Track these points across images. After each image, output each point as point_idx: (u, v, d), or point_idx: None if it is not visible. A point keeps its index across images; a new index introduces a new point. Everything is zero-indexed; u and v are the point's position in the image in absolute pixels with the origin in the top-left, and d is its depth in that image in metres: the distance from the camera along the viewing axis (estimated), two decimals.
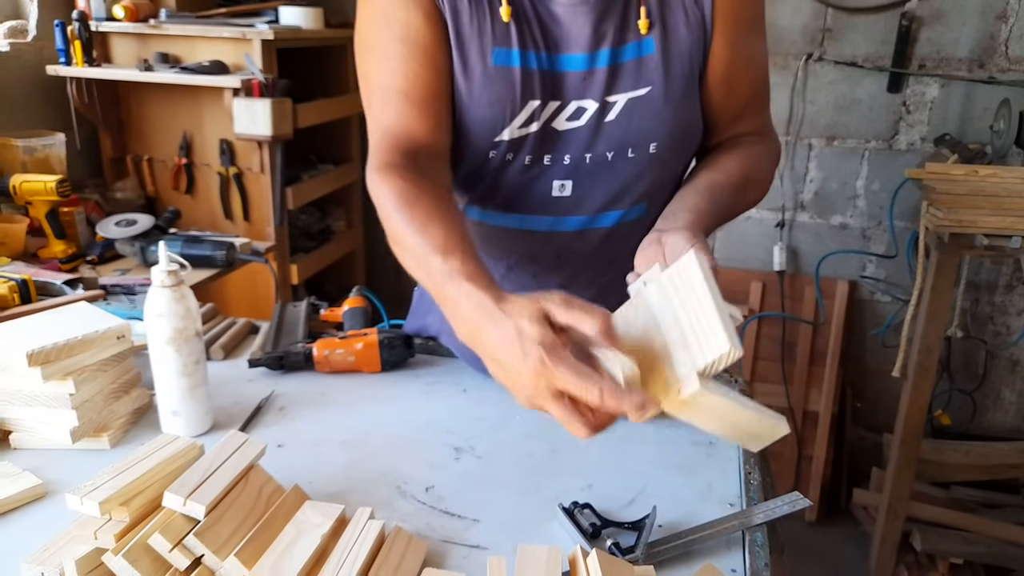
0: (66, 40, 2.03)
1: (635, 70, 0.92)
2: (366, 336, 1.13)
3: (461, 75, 0.92)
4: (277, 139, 2.06)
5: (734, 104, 0.99)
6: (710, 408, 0.67)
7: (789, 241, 2.62)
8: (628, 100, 0.92)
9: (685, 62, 0.93)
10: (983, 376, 2.56)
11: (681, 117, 0.94)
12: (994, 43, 2.30)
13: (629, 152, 0.93)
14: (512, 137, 0.92)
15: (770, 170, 1.03)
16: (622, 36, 0.91)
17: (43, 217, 1.78)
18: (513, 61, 0.90)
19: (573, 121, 0.93)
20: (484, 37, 0.91)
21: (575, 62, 0.92)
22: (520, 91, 0.91)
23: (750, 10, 0.96)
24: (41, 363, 0.87)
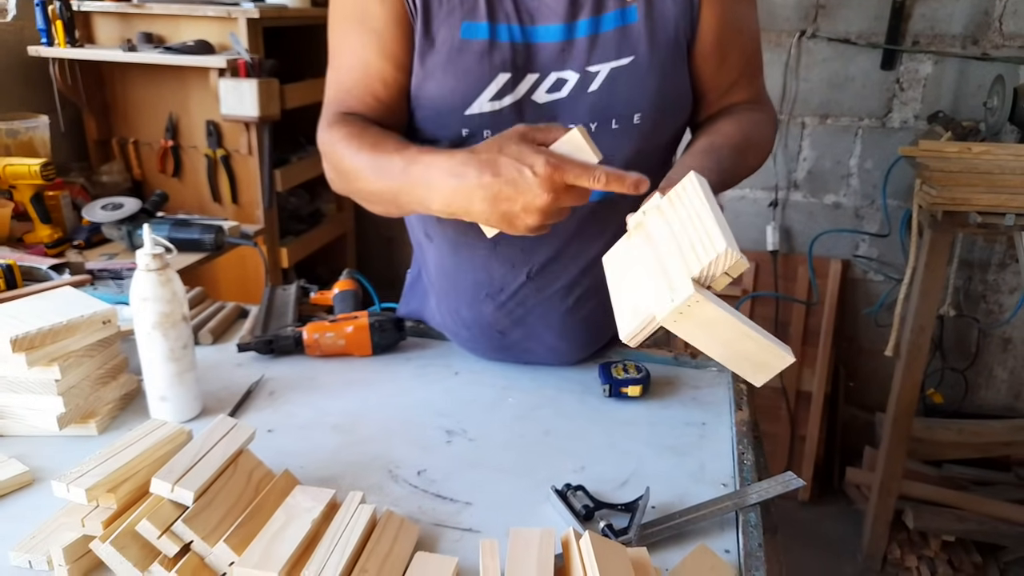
0: (47, 20, 1.99)
1: (617, 39, 0.91)
2: (356, 319, 1.12)
3: (429, 50, 0.92)
4: (264, 120, 2.03)
5: (727, 74, 0.98)
6: (708, 321, 0.64)
7: (782, 221, 2.61)
8: (611, 70, 0.91)
9: (670, 31, 0.92)
10: (975, 354, 2.57)
11: (667, 87, 0.93)
12: (988, 19, 2.28)
13: (613, 123, 0.92)
14: (483, 111, 0.91)
15: (768, 135, 1.03)
16: (602, 5, 0.90)
17: (28, 201, 1.76)
18: (480, 34, 0.90)
19: (554, 93, 0.92)
20: (453, 10, 0.90)
21: (552, 33, 0.91)
22: (488, 64, 0.90)
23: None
24: (25, 349, 0.86)
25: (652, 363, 1.09)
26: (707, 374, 1.08)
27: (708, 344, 0.67)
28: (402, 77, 0.94)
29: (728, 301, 0.65)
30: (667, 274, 0.67)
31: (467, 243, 1.00)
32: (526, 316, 1.03)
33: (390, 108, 0.96)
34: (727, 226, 0.66)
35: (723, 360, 0.68)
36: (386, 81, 0.94)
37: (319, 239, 2.58)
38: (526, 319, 1.04)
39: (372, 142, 0.88)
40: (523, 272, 1.00)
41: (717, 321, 0.64)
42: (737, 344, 0.66)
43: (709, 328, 0.65)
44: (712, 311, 0.63)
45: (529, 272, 1.00)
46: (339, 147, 0.91)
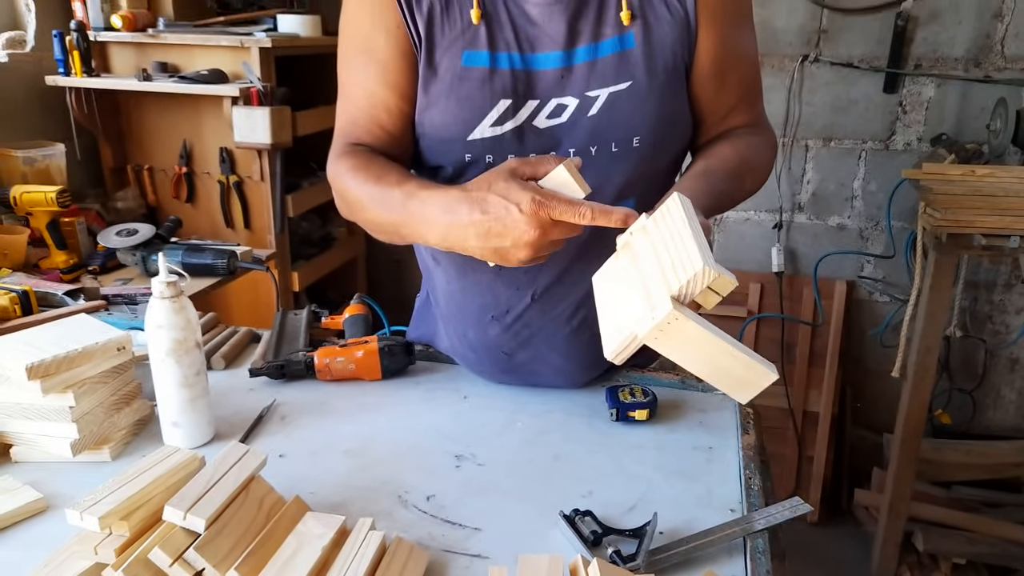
0: (65, 50, 2.03)
1: (615, 64, 0.93)
2: (367, 344, 1.14)
3: (432, 79, 0.95)
4: (276, 147, 2.06)
5: (725, 99, 1.00)
6: (688, 338, 0.66)
7: (787, 242, 2.63)
8: (610, 94, 0.93)
9: (668, 56, 0.94)
10: (983, 375, 2.57)
11: (665, 111, 0.95)
12: (990, 42, 2.30)
13: (612, 146, 0.94)
14: (484, 137, 0.94)
15: (767, 159, 1.04)
16: (599, 32, 0.93)
17: (44, 228, 1.79)
18: (481, 62, 0.93)
19: (555, 118, 0.94)
20: (455, 40, 0.93)
21: (551, 60, 0.93)
22: (489, 92, 0.93)
23: (735, 4, 0.97)
24: (41, 376, 0.87)
25: (659, 387, 1.10)
26: (714, 398, 1.09)
27: (691, 362, 0.68)
28: (407, 106, 0.97)
29: (734, 322, 0.67)
30: (648, 292, 0.69)
31: (472, 267, 1.02)
32: (532, 338, 1.05)
33: (395, 137, 0.99)
34: (707, 245, 0.68)
35: (707, 378, 0.69)
36: (391, 111, 0.97)
37: (330, 263, 2.61)
38: (532, 341, 1.05)
39: (376, 174, 0.91)
40: (528, 294, 1.02)
41: (697, 338, 0.66)
42: (719, 361, 0.67)
43: (690, 345, 0.66)
44: (691, 328, 0.65)
45: (534, 294, 1.02)
46: (346, 178, 0.94)
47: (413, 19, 0.94)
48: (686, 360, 0.68)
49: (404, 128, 0.99)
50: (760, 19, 2.37)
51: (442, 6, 0.94)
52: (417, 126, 0.98)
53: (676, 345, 0.67)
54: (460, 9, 0.93)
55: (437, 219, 0.82)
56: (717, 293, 0.67)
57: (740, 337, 2.55)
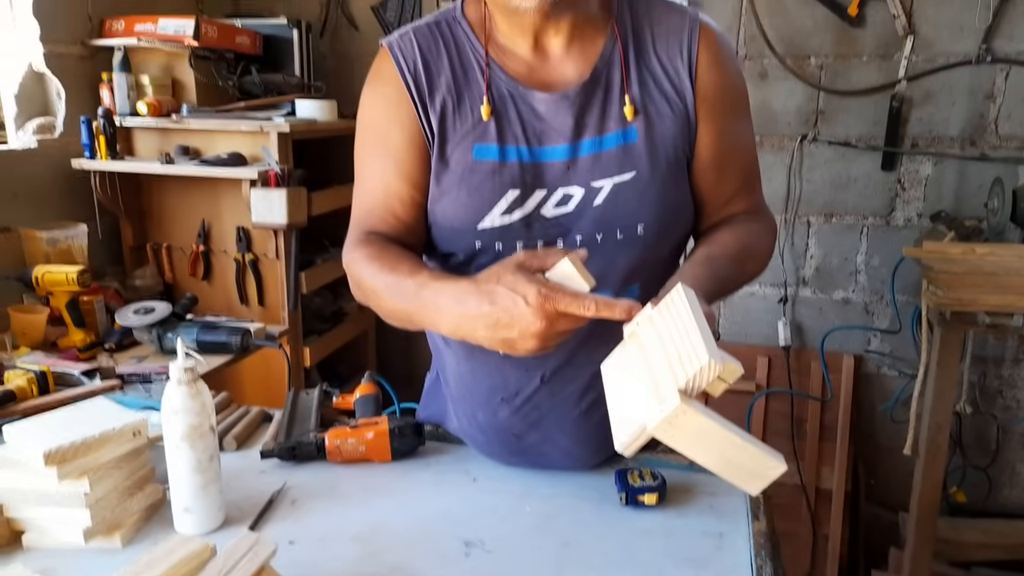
0: (91, 135, 2.12)
1: (619, 156, 0.97)
2: (377, 425, 1.15)
3: (444, 171, 0.99)
4: (292, 227, 2.12)
5: (725, 188, 1.04)
6: (696, 431, 0.67)
7: (793, 316, 2.64)
8: (614, 184, 0.97)
9: (669, 149, 0.98)
10: (996, 451, 2.54)
11: (668, 200, 0.99)
12: (984, 121, 2.37)
13: (618, 234, 0.98)
14: (494, 225, 0.98)
15: (767, 244, 1.07)
16: (604, 126, 0.98)
17: (63, 307, 1.83)
18: (492, 155, 0.97)
19: (561, 207, 0.98)
20: (466, 135, 0.98)
21: (557, 153, 0.98)
22: (498, 182, 0.97)
23: (731, 98, 1.02)
24: (58, 462, 0.88)
25: (668, 469, 1.10)
26: (723, 481, 1.09)
27: (700, 453, 0.69)
28: (419, 197, 1.02)
29: (742, 397, 0.69)
30: (656, 385, 0.70)
31: (482, 349, 1.04)
32: (541, 420, 1.06)
33: (409, 226, 1.03)
34: (711, 336, 0.70)
35: (716, 469, 0.70)
36: (404, 201, 1.02)
37: (341, 338, 2.63)
38: (541, 423, 1.06)
39: (390, 264, 0.94)
40: (537, 376, 1.04)
41: (706, 431, 0.67)
42: (728, 453, 0.68)
43: (699, 438, 0.68)
44: (700, 421, 0.66)
45: (543, 376, 1.03)
46: (361, 266, 0.98)
47: (426, 114, 0.99)
48: (695, 452, 0.69)
49: (417, 217, 1.03)
50: (758, 101, 2.46)
51: (454, 103, 0.99)
52: (429, 215, 1.02)
53: (685, 438, 0.68)
54: (471, 105, 0.99)
55: (448, 309, 0.84)
56: (724, 381, 0.69)
57: (749, 412, 2.54)
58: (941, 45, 2.34)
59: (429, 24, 1.03)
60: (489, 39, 1.01)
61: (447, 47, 1.01)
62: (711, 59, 0.99)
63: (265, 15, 2.68)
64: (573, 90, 0.98)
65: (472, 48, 1.01)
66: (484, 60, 0.99)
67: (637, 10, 1.02)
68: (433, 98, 0.99)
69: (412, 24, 1.04)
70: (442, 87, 0.99)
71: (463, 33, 1.02)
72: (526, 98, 0.98)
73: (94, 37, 2.25)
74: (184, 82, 2.30)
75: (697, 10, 1.03)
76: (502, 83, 0.99)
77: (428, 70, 1.00)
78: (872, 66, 2.41)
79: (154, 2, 2.46)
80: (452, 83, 0.99)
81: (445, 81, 1.00)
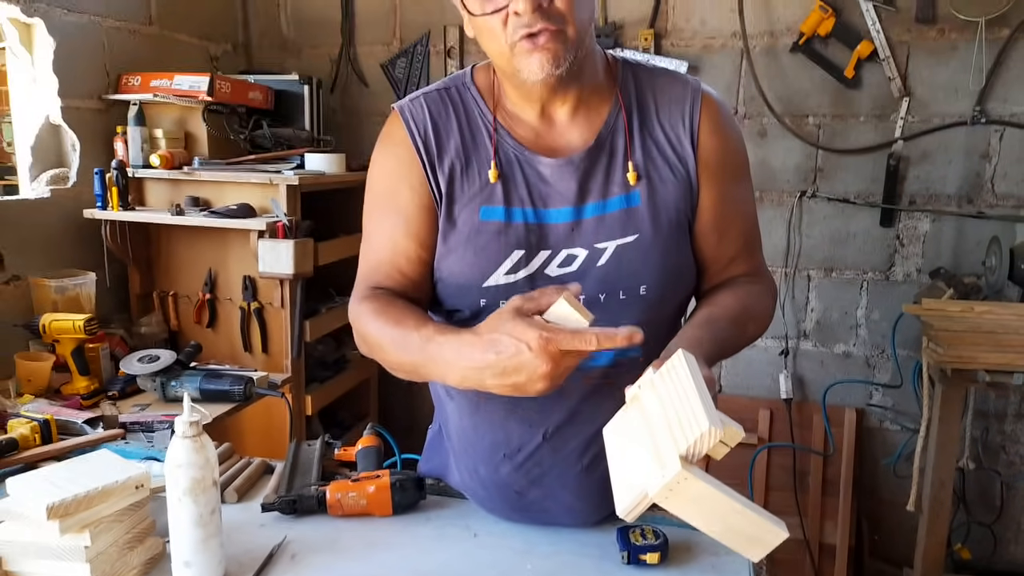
0: (104, 186, 2.16)
1: (623, 219, 1.00)
2: (378, 478, 1.15)
3: (451, 230, 1.02)
4: (299, 276, 2.15)
5: (726, 250, 1.07)
6: (697, 497, 0.67)
7: (794, 369, 2.65)
8: (617, 246, 1.00)
9: (672, 212, 1.01)
10: (1001, 508, 2.51)
11: (670, 262, 1.01)
12: (980, 180, 2.41)
13: (621, 294, 1.00)
14: (499, 284, 1.00)
15: (768, 306, 1.09)
16: (607, 190, 1.01)
17: (69, 354, 1.85)
18: (498, 216, 1.01)
19: (565, 267, 1.01)
20: (473, 197, 1.02)
21: (562, 215, 1.01)
22: (503, 243, 1.00)
23: (731, 164, 1.06)
24: (60, 516, 0.89)
25: (670, 527, 1.09)
26: None
27: (701, 519, 0.70)
28: (426, 255, 1.04)
29: (745, 450, 0.70)
30: (658, 450, 0.71)
31: (485, 404, 1.05)
32: (543, 476, 1.06)
33: (415, 283, 1.05)
34: (711, 402, 0.71)
35: (717, 535, 0.70)
36: (411, 259, 1.04)
37: (343, 385, 2.64)
38: (543, 479, 1.07)
39: (396, 318, 0.96)
40: (539, 432, 1.04)
41: (707, 497, 0.68)
42: (729, 519, 0.69)
43: (700, 504, 0.68)
44: (701, 488, 0.67)
45: (545, 433, 1.04)
46: (367, 320, 0.99)
47: (435, 176, 1.03)
48: (696, 518, 0.70)
49: (423, 275, 1.05)
50: (758, 158, 2.51)
51: (462, 165, 1.02)
52: (436, 272, 1.05)
53: (686, 503, 0.69)
54: (479, 168, 1.02)
55: (455, 362, 0.86)
56: (726, 444, 0.70)
57: (751, 466, 2.53)
58: (936, 106, 2.40)
59: (439, 90, 1.07)
60: (497, 105, 1.05)
61: (456, 112, 1.05)
62: (712, 126, 1.03)
63: (277, 71, 2.76)
64: (578, 155, 1.01)
65: (481, 113, 1.05)
66: (492, 125, 1.03)
67: (640, 79, 1.06)
68: (442, 160, 1.03)
69: (422, 90, 1.09)
70: (451, 150, 1.03)
71: (472, 99, 1.06)
72: (532, 162, 1.02)
73: (110, 92, 2.32)
74: (197, 135, 2.36)
75: (698, 79, 1.07)
76: (509, 147, 1.02)
77: (438, 133, 1.03)
78: (869, 126, 2.47)
79: (170, 58, 2.54)
80: (461, 146, 1.03)
81: (454, 144, 1.03)
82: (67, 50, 2.15)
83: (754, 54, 2.49)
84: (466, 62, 2.74)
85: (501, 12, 0.91)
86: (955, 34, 2.35)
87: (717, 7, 2.52)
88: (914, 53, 2.39)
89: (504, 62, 0.96)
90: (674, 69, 1.09)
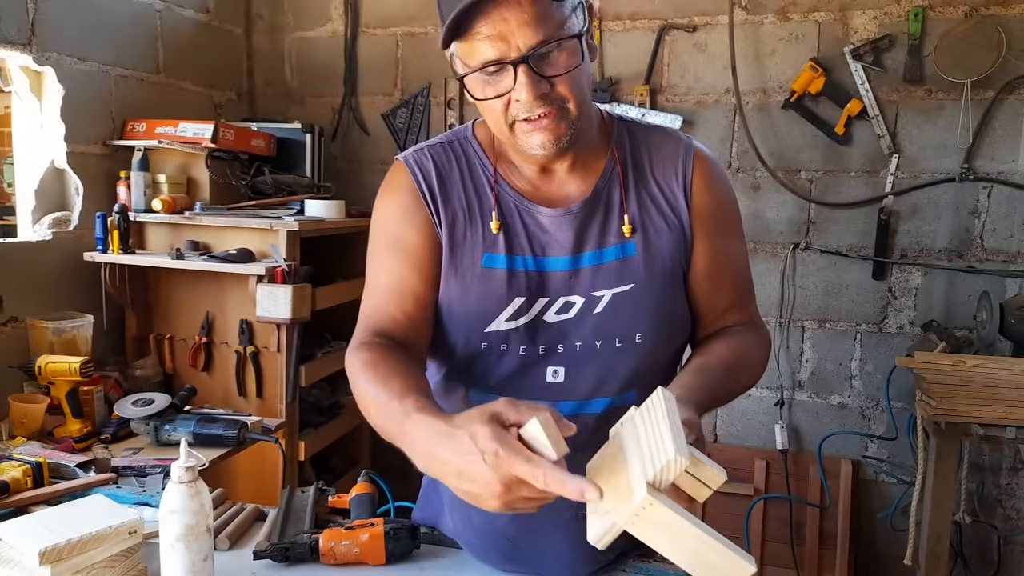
0: (105, 230, 2.18)
1: (619, 269, 1.03)
2: (372, 527, 1.15)
3: (453, 276, 1.04)
4: (296, 321, 2.16)
5: (720, 299, 1.09)
6: (663, 524, 0.68)
7: (790, 420, 2.65)
8: (613, 295, 1.02)
9: (666, 262, 1.04)
10: (998, 563, 2.49)
11: (665, 310, 1.04)
12: (970, 235, 2.45)
13: (617, 342, 1.02)
14: (500, 329, 1.02)
15: (761, 355, 1.11)
16: (604, 240, 1.04)
17: (64, 397, 1.84)
18: (500, 264, 1.03)
19: (562, 314, 1.03)
20: (476, 244, 1.04)
21: (560, 263, 1.04)
22: (506, 290, 1.02)
23: (724, 217, 1.09)
24: (52, 561, 0.89)
25: None
26: None
27: (670, 549, 0.70)
28: (431, 294, 1.05)
29: (741, 500, 0.71)
30: (629, 480, 0.72)
31: None
32: (537, 527, 1.06)
33: (416, 324, 1.05)
34: (682, 435, 0.72)
35: (687, 567, 0.71)
36: (417, 296, 1.04)
37: (336, 431, 2.62)
38: (537, 529, 1.07)
39: (383, 377, 0.92)
40: None
41: (673, 525, 0.69)
42: (698, 550, 0.69)
43: (668, 533, 0.69)
44: (666, 515, 0.68)
45: None
46: (357, 371, 0.97)
47: (439, 222, 1.05)
48: (664, 547, 0.71)
49: (425, 317, 1.06)
50: (752, 211, 2.56)
51: (465, 214, 1.05)
52: (438, 314, 1.06)
53: (653, 531, 0.70)
54: (481, 217, 1.05)
55: (421, 449, 0.81)
56: (707, 486, 0.71)
57: (747, 517, 2.51)
58: (925, 163, 2.46)
59: (442, 143, 1.11)
60: (498, 158, 1.08)
61: (459, 163, 1.09)
62: (704, 182, 1.07)
63: (280, 119, 2.81)
64: (575, 206, 1.04)
65: (482, 165, 1.08)
66: (493, 177, 1.07)
67: (635, 135, 1.10)
68: (446, 208, 1.05)
69: (425, 142, 1.12)
70: (454, 199, 1.06)
71: (474, 152, 1.09)
72: (532, 212, 1.05)
73: (116, 138, 2.36)
74: (199, 180, 2.39)
75: (691, 137, 1.12)
76: (509, 198, 1.06)
77: (442, 182, 1.07)
78: (860, 181, 2.52)
79: (175, 106, 2.60)
80: (463, 196, 1.06)
81: (457, 194, 1.06)
82: (75, 97, 2.20)
83: (747, 110, 2.56)
84: (466, 113, 2.80)
85: (503, 97, 0.94)
86: (942, 94, 2.42)
87: (711, 65, 2.59)
88: (902, 112, 2.46)
89: (505, 137, 1.00)
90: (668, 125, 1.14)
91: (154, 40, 2.54)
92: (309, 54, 2.98)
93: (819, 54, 2.49)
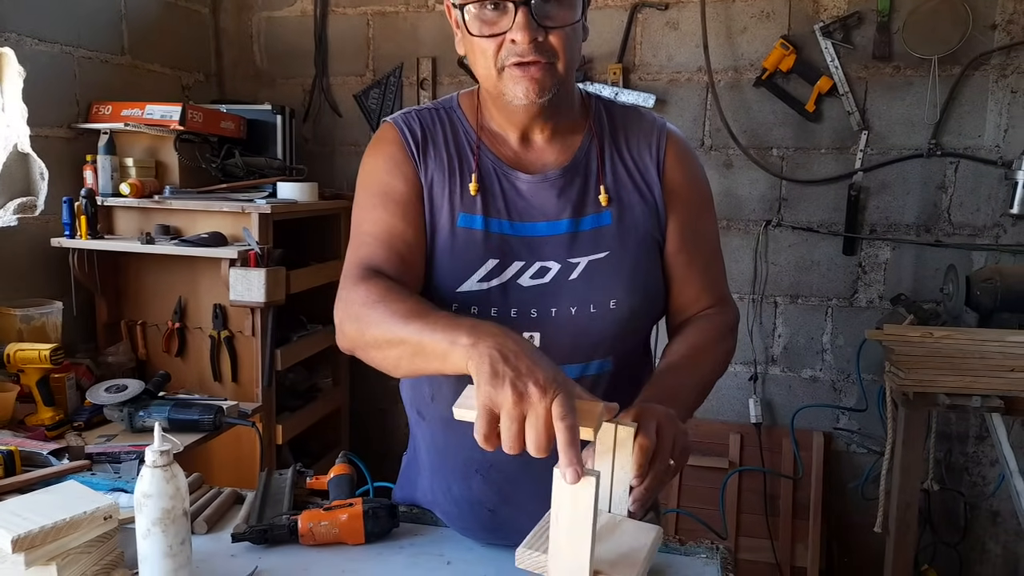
0: (72, 215, 2.15)
1: (594, 237, 1.06)
2: (351, 507, 1.15)
3: (431, 233, 1.06)
4: (270, 305, 2.14)
5: (693, 275, 1.12)
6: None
7: (763, 394, 2.69)
8: (589, 261, 1.05)
9: (640, 232, 1.08)
10: (965, 528, 2.56)
11: (638, 279, 1.07)
12: (937, 210, 2.50)
13: (591, 307, 1.04)
14: (471, 290, 1.03)
15: (733, 332, 1.15)
16: (581, 209, 1.07)
17: (34, 384, 1.82)
18: (476, 225, 1.05)
19: (537, 279, 1.04)
20: (453, 204, 1.06)
21: (537, 228, 1.06)
22: (479, 251, 1.04)
23: (695, 195, 1.13)
24: (26, 548, 0.87)
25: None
26: (696, 561, 1.10)
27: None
28: (422, 241, 1.06)
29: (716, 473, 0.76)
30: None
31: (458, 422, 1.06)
32: (515, 493, 1.08)
33: (409, 266, 1.03)
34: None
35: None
36: (408, 242, 1.05)
37: (314, 414, 2.62)
38: (514, 496, 1.08)
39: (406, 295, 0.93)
40: None
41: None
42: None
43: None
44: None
45: None
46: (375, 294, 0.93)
47: (423, 174, 1.07)
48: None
49: (419, 261, 1.05)
50: (724, 188, 2.58)
51: (444, 175, 1.07)
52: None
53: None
54: (461, 179, 1.07)
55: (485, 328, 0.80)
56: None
57: (723, 489, 2.55)
58: (894, 139, 2.49)
59: (428, 108, 1.14)
60: (481, 126, 1.11)
61: (443, 127, 1.11)
62: (677, 160, 1.11)
63: (250, 101, 2.77)
64: (553, 174, 1.07)
65: (465, 131, 1.11)
66: (476, 142, 1.09)
67: (612, 113, 1.14)
68: (428, 166, 1.07)
69: (413, 107, 1.15)
70: (436, 159, 1.08)
71: (458, 119, 1.12)
72: (511, 178, 1.07)
73: (81, 121, 2.31)
74: (168, 164, 2.35)
75: (664, 118, 1.16)
76: (490, 162, 1.08)
77: (426, 142, 1.09)
78: (830, 157, 2.55)
79: (142, 88, 2.55)
80: (445, 156, 1.08)
81: (439, 154, 1.08)
82: (37, 79, 2.15)
83: (719, 88, 2.57)
84: (438, 93, 2.78)
85: (498, 37, 0.96)
86: (910, 71, 2.44)
87: (683, 43, 2.59)
88: (872, 89, 2.48)
89: (491, 84, 1.01)
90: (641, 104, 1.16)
91: (118, 21, 2.48)
92: (278, 34, 2.93)
93: (790, 32, 2.50)
